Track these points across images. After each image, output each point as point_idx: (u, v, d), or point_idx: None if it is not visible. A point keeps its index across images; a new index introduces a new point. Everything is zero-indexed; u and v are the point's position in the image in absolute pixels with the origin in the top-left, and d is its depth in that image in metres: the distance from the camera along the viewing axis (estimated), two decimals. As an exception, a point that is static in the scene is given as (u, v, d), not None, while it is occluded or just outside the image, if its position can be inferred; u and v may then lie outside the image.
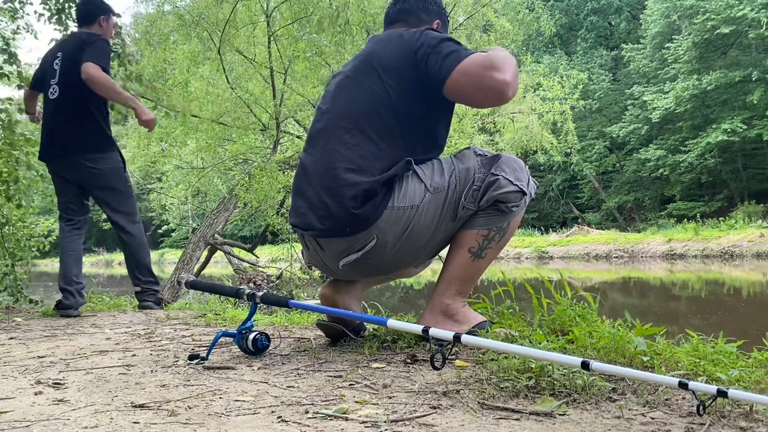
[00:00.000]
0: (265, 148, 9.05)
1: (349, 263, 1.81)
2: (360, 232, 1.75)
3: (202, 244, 7.99)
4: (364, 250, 1.77)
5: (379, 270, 1.88)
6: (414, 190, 1.77)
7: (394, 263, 1.86)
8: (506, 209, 1.82)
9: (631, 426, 1.12)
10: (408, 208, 1.76)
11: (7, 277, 4.48)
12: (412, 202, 1.76)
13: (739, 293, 9.11)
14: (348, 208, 1.72)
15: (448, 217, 1.81)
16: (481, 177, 1.81)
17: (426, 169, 1.81)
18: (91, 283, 5.14)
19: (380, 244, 1.77)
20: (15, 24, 4.91)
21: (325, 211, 1.77)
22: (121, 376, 1.62)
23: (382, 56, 1.84)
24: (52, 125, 3.38)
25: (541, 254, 19.73)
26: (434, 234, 1.82)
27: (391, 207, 1.74)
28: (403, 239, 1.78)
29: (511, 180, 1.81)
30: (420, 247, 1.83)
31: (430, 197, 1.78)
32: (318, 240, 1.82)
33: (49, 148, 3.41)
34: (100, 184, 3.42)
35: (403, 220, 1.76)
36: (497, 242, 1.85)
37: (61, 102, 3.32)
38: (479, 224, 1.82)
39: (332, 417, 1.19)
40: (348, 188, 1.73)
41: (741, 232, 16.17)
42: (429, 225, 1.79)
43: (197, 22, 8.33)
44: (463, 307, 1.87)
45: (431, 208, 1.78)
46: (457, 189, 1.80)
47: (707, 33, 21.67)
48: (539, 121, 14.45)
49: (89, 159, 3.34)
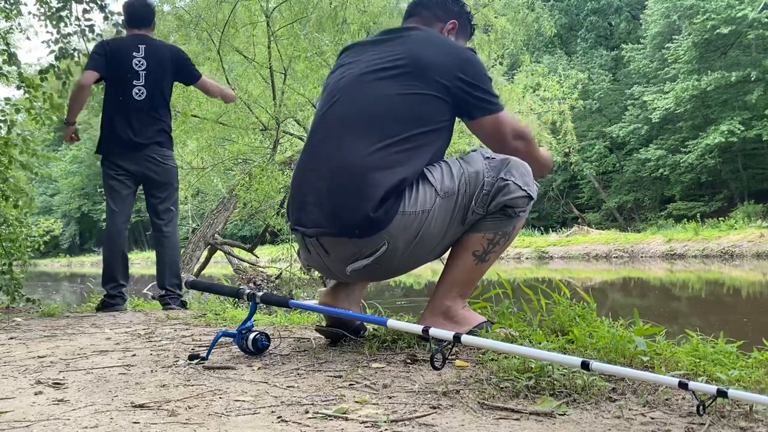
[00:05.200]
0: (265, 148, 9.05)
1: (358, 269, 1.77)
2: (371, 236, 1.70)
3: (202, 244, 7.99)
4: (374, 257, 1.73)
5: (387, 274, 1.87)
6: (425, 194, 1.74)
7: (402, 267, 1.85)
8: (513, 214, 1.81)
9: (631, 426, 1.12)
10: (419, 213, 1.72)
11: (2, 276, 4.48)
12: (423, 207, 1.73)
13: (739, 293, 9.11)
14: (365, 209, 1.67)
15: (457, 221, 1.79)
16: (491, 181, 1.78)
17: (435, 173, 1.77)
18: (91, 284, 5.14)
19: (391, 250, 1.73)
20: (9, 24, 4.91)
21: (337, 209, 1.71)
22: (121, 376, 1.62)
23: (421, 60, 1.79)
24: (133, 122, 3.58)
25: (541, 254, 19.72)
26: (443, 238, 1.80)
27: (402, 212, 1.71)
28: (413, 245, 1.75)
29: (520, 185, 1.80)
30: (429, 251, 1.82)
31: (441, 202, 1.75)
32: (322, 241, 1.77)
33: (123, 142, 3.58)
34: (165, 179, 3.65)
35: (414, 225, 1.72)
36: (501, 245, 1.85)
37: (146, 103, 3.60)
38: (486, 228, 1.81)
39: (332, 417, 1.19)
40: (371, 189, 1.68)
41: (741, 232, 16.16)
42: (439, 230, 1.76)
43: (197, 22, 8.33)
44: (463, 309, 1.87)
45: (442, 212, 1.75)
46: (467, 193, 1.77)
47: (707, 33, 21.66)
48: (538, 121, 14.45)
49: (161, 155, 3.63)
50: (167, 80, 3.68)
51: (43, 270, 27.80)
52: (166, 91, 3.68)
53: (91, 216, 41.75)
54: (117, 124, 3.59)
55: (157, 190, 3.66)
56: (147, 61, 3.60)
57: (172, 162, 3.71)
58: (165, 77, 3.65)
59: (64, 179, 42.76)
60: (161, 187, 3.66)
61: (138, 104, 3.58)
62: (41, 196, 41.51)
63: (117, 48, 3.65)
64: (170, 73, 3.68)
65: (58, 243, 43.63)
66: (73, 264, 36.32)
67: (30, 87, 4.54)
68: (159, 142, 3.62)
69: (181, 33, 8.55)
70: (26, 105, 4.67)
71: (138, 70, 3.58)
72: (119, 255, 3.62)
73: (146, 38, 3.68)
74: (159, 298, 3.71)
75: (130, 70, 3.58)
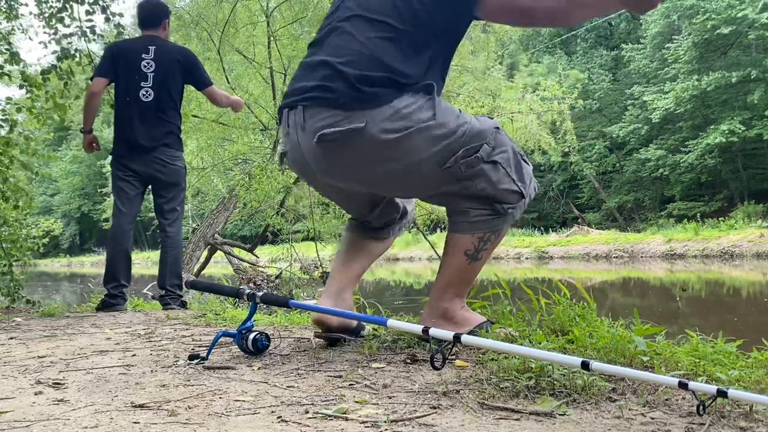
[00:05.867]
0: (265, 148, 9.05)
1: (327, 137, 1.67)
2: (353, 110, 1.65)
3: (202, 244, 7.99)
4: (349, 127, 1.65)
5: (351, 169, 1.75)
6: (421, 107, 1.68)
7: (368, 173, 1.75)
8: (502, 210, 1.77)
9: (631, 426, 1.12)
10: (408, 116, 1.66)
11: (3, 278, 4.48)
12: (415, 116, 1.66)
13: (739, 293, 9.11)
14: (359, 82, 1.65)
15: (439, 158, 1.69)
16: (488, 150, 1.73)
17: (441, 104, 1.73)
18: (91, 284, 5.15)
19: (367, 134, 1.65)
20: (10, 24, 4.91)
21: (328, 78, 1.69)
22: (121, 376, 1.62)
23: None
24: (141, 123, 3.58)
25: (541, 254, 19.72)
26: (417, 167, 1.71)
27: (393, 106, 1.65)
28: (388, 147, 1.67)
29: (514, 179, 1.77)
30: (398, 171, 1.72)
31: (434, 124, 1.68)
32: (305, 112, 1.71)
33: (130, 143, 3.60)
34: (172, 179, 3.67)
35: (398, 124, 1.65)
36: (492, 242, 1.82)
37: (154, 105, 3.60)
38: (476, 228, 1.78)
39: (332, 417, 1.19)
40: (372, 64, 1.66)
41: (741, 232, 16.15)
42: (417, 152, 1.68)
43: (197, 22, 8.34)
44: (461, 309, 1.85)
45: (430, 134, 1.67)
46: (461, 138, 1.71)
47: (707, 33, 21.65)
48: (538, 120, 14.46)
49: (169, 155, 3.64)
50: (176, 82, 3.66)
51: (43, 270, 27.80)
52: (175, 93, 3.67)
53: (91, 216, 41.73)
54: (124, 125, 3.61)
55: (164, 190, 3.67)
56: (156, 62, 3.59)
57: (180, 163, 3.72)
58: (174, 79, 3.64)
59: (64, 179, 42.78)
60: (168, 188, 3.67)
61: (145, 106, 3.58)
62: (41, 196, 41.51)
63: (125, 49, 3.66)
64: (179, 76, 3.67)
65: (58, 243, 43.62)
66: (73, 264, 36.32)
67: (32, 86, 4.53)
68: (167, 143, 3.63)
69: (182, 33, 8.55)
70: (28, 104, 4.67)
71: (146, 71, 3.58)
72: (122, 255, 3.62)
73: (156, 39, 3.68)
74: (159, 298, 3.72)
75: (138, 72, 3.58)
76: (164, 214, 3.67)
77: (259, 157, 8.86)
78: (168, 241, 3.66)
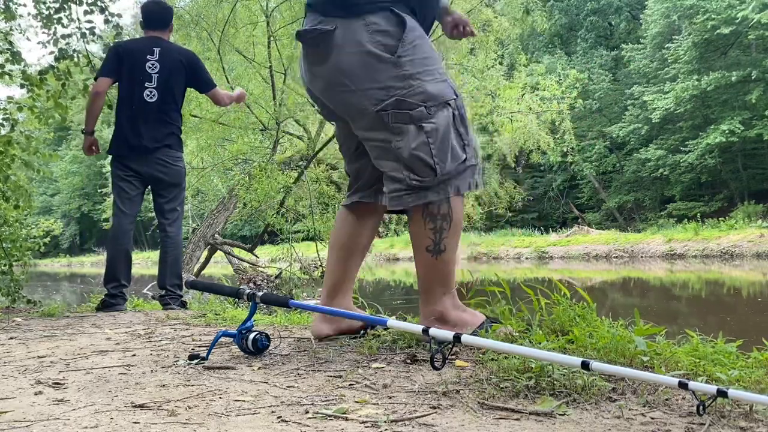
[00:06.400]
0: (265, 148, 9.05)
1: (301, 35, 1.85)
2: (329, 15, 1.79)
3: (202, 244, 7.99)
4: (319, 28, 1.80)
5: (318, 75, 1.85)
6: (389, 32, 1.75)
7: (327, 81, 1.83)
8: (413, 183, 1.71)
9: (631, 426, 1.12)
10: (372, 37, 1.74)
11: (3, 278, 4.48)
12: (382, 38, 1.74)
13: (739, 293, 9.11)
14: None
15: (377, 95, 1.74)
16: (422, 114, 1.72)
17: (416, 45, 1.76)
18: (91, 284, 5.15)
19: (333, 39, 1.77)
20: (9, 24, 4.91)
21: None
22: (121, 376, 1.62)
23: None
24: (144, 124, 3.60)
25: (541, 254, 19.71)
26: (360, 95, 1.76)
27: (365, 20, 1.75)
28: (346, 57, 1.76)
29: (433, 152, 1.70)
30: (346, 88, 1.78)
31: (391, 59, 1.73)
32: (305, 18, 1.91)
33: (132, 144, 3.60)
34: (173, 180, 3.69)
35: (364, 38, 1.74)
36: (448, 230, 1.74)
37: (157, 106, 3.62)
38: (395, 205, 1.76)
39: (332, 417, 1.19)
40: None
41: (741, 232, 16.15)
42: (364, 77, 1.74)
43: (197, 22, 8.34)
44: (455, 310, 1.83)
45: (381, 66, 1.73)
46: (403, 92, 1.72)
47: (707, 33, 21.64)
48: (537, 120, 14.46)
49: (171, 156, 3.66)
50: (179, 84, 3.69)
51: (43, 270, 27.79)
52: (178, 95, 3.70)
53: (91, 216, 41.72)
54: (127, 125, 3.61)
55: (165, 190, 3.68)
56: (160, 64, 3.62)
57: (181, 163, 3.75)
58: (177, 81, 3.67)
59: (64, 179, 42.77)
60: (169, 188, 3.69)
61: (149, 106, 3.59)
62: (41, 196, 41.52)
63: (131, 50, 3.67)
64: (183, 78, 3.70)
65: (58, 243, 43.60)
66: (73, 264, 36.32)
67: (33, 85, 4.53)
68: (169, 144, 3.65)
69: (182, 32, 8.55)
70: (29, 104, 4.67)
71: (151, 72, 3.60)
72: (123, 255, 3.62)
73: (161, 41, 3.70)
74: (159, 298, 3.72)
75: (143, 72, 3.59)
76: (164, 214, 3.68)
77: (259, 157, 8.86)
78: (168, 241, 3.67)
